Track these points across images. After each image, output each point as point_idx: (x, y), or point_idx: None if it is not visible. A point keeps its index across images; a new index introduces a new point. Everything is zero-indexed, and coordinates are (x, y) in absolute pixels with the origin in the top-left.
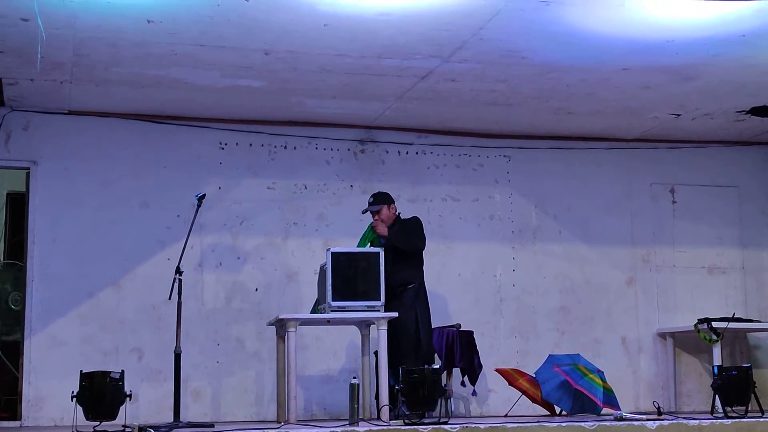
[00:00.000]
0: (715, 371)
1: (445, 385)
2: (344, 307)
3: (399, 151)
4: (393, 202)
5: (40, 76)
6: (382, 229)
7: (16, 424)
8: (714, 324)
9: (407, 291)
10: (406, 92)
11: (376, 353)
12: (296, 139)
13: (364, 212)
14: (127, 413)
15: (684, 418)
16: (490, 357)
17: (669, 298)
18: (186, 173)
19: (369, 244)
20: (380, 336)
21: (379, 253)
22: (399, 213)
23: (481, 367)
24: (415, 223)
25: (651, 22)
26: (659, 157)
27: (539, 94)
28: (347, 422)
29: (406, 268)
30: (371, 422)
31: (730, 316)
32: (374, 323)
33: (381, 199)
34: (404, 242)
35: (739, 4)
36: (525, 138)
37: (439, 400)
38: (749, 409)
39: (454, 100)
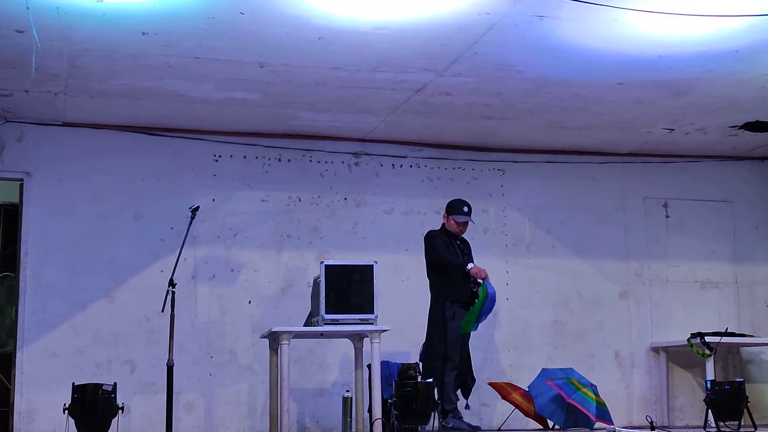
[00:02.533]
0: (708, 386)
1: (438, 399)
2: (337, 320)
3: (393, 164)
4: None
5: (35, 87)
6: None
7: None
8: (707, 338)
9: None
10: (400, 105)
11: (369, 366)
12: (290, 152)
13: (466, 220)
14: (119, 426)
15: None
16: (483, 370)
17: (662, 313)
18: (180, 185)
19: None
20: (373, 349)
21: (372, 266)
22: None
23: (474, 380)
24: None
25: (644, 37)
26: (653, 172)
27: (533, 109)
28: None
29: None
30: None
31: (723, 331)
32: (367, 336)
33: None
34: None
35: (732, 20)
36: (519, 152)
37: (432, 414)
38: (742, 423)
39: (449, 113)
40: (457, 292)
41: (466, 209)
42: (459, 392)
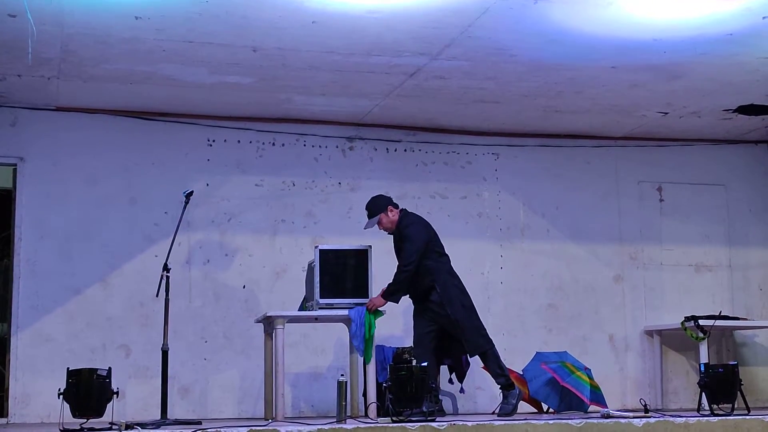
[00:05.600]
0: (702, 369)
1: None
2: (332, 304)
3: (387, 149)
4: (389, 204)
5: (28, 72)
6: (376, 302)
7: (3, 421)
8: (701, 322)
9: (432, 293)
10: (394, 89)
11: None
12: (284, 136)
13: (366, 228)
14: (114, 410)
15: (670, 415)
16: None
17: (656, 296)
18: (174, 170)
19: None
20: None
21: (367, 250)
22: (403, 211)
23: (468, 364)
24: (408, 242)
25: (639, 20)
26: (647, 156)
27: (527, 92)
28: (335, 420)
29: (421, 273)
30: (359, 419)
31: (717, 314)
32: None
33: (375, 209)
34: (398, 284)
35: (726, 4)
36: (513, 136)
37: (427, 397)
38: (735, 406)
39: (443, 97)
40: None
41: (367, 213)
42: (454, 376)
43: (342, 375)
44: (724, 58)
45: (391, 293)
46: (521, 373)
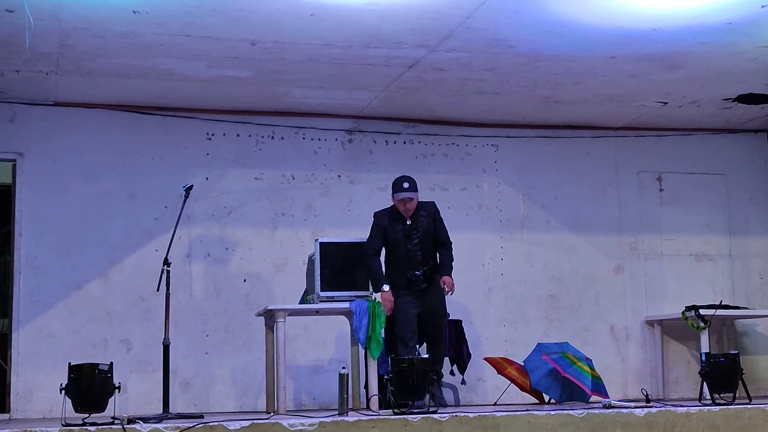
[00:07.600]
0: (703, 358)
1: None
2: (333, 297)
3: (387, 141)
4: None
5: (26, 67)
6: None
7: (5, 416)
8: (701, 311)
9: (436, 276)
10: (393, 82)
11: None
12: (283, 129)
13: (413, 196)
14: (116, 405)
15: (672, 405)
16: (478, 346)
17: (657, 286)
18: (173, 164)
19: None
20: None
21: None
22: None
23: (470, 356)
24: (443, 224)
25: (637, 10)
26: (646, 146)
27: (526, 83)
28: (336, 412)
29: (433, 255)
30: (361, 412)
31: (718, 304)
32: None
33: (415, 186)
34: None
35: None
36: (512, 127)
37: (428, 389)
38: (737, 395)
39: (442, 89)
40: (397, 276)
41: (406, 185)
42: (455, 367)
43: (343, 367)
44: (724, 47)
45: (452, 269)
46: (522, 364)
